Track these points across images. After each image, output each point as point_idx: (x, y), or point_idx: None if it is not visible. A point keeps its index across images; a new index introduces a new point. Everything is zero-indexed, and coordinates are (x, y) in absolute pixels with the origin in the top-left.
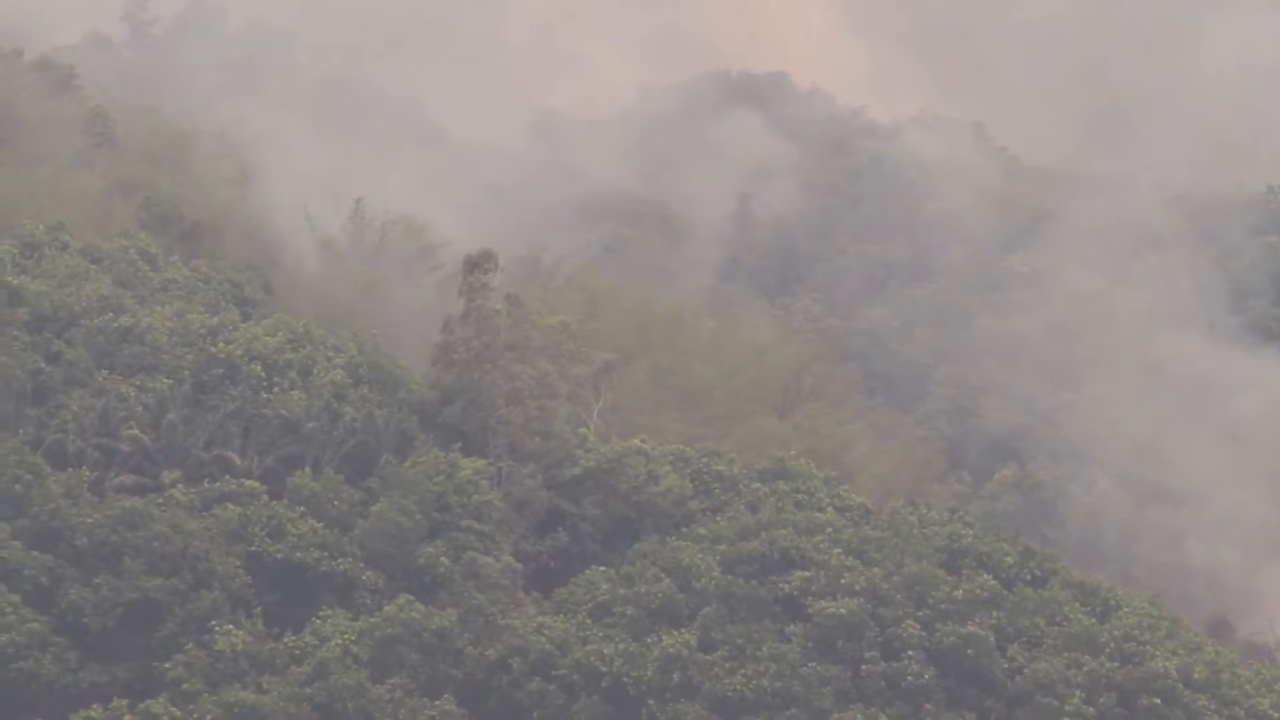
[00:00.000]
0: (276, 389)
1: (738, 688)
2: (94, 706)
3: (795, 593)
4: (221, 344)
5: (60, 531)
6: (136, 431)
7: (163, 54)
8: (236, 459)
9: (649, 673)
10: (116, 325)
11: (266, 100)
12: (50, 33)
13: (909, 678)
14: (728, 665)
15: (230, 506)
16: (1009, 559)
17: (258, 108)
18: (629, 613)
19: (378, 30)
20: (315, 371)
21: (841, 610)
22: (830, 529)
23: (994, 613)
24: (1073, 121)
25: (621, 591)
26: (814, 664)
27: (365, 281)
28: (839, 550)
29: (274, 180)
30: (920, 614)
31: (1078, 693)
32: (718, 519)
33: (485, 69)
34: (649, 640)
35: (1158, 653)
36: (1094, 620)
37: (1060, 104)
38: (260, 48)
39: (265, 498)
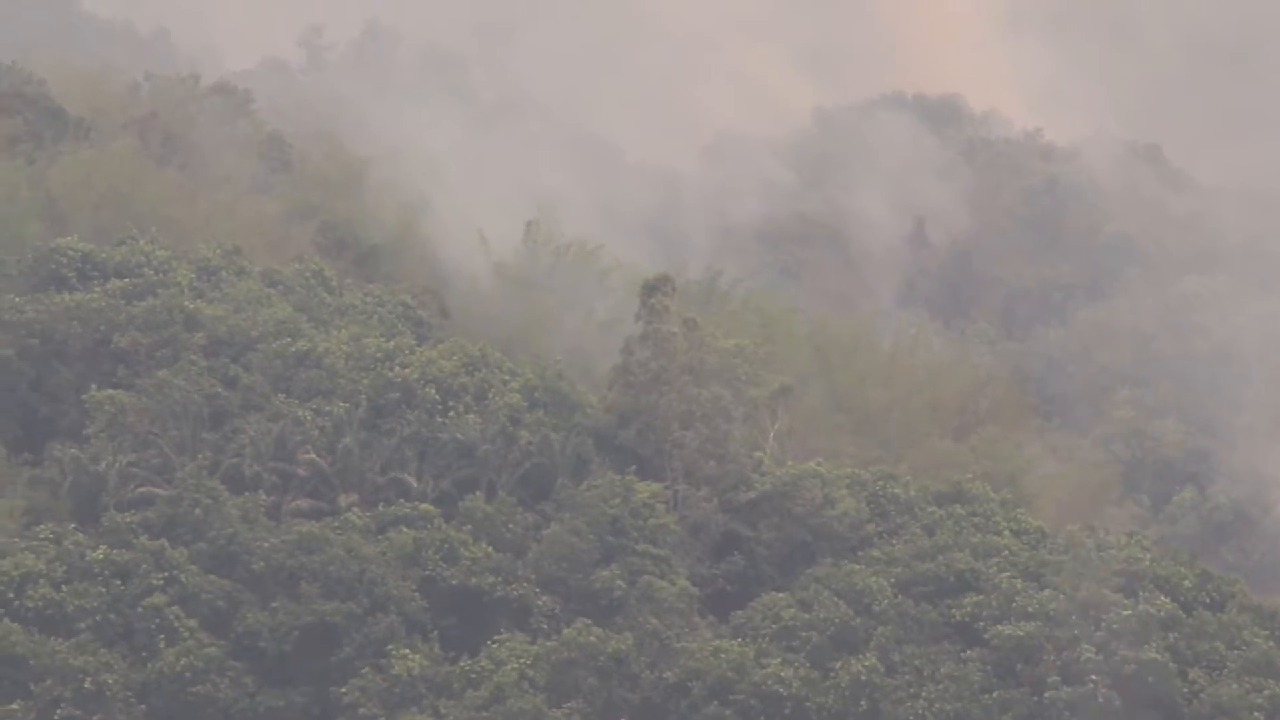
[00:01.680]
0: (452, 413)
1: (920, 712)
2: None
3: (966, 618)
4: (397, 368)
5: (237, 556)
6: (313, 455)
7: (338, 79)
8: (412, 482)
9: (830, 699)
10: (293, 349)
11: (441, 124)
12: (227, 58)
13: (1093, 703)
14: (910, 689)
15: (405, 530)
16: (1187, 582)
17: (432, 131)
18: (813, 639)
19: (551, 54)
20: (491, 395)
21: (1019, 633)
22: (1006, 552)
23: (1171, 636)
24: (1250, 143)
25: (805, 616)
26: (995, 689)
27: (540, 305)
28: (1014, 574)
29: (449, 204)
30: (1096, 637)
31: (1258, 717)
32: (893, 542)
33: (659, 91)
34: (828, 665)
35: None
36: (1274, 644)
37: (1237, 126)
38: (434, 72)
39: (440, 521)
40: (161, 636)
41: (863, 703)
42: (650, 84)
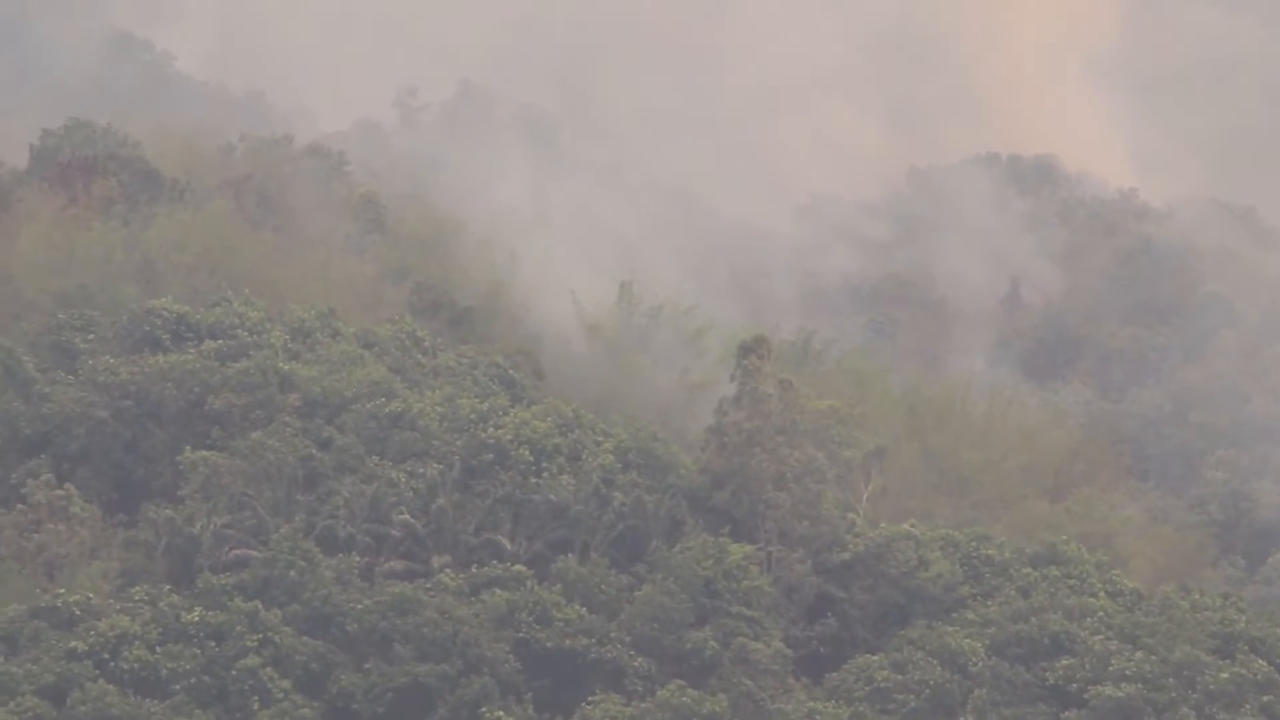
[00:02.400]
0: (545, 474)
1: None
2: None
3: (1061, 680)
4: (491, 429)
5: (331, 617)
6: (407, 516)
7: (432, 139)
8: (506, 544)
9: None
10: (387, 411)
11: (534, 184)
12: (321, 119)
13: None
14: None
15: (499, 592)
16: None
17: (526, 192)
18: (908, 701)
19: (645, 115)
20: (584, 456)
21: (1119, 695)
22: (1101, 614)
23: (1266, 698)
24: None
25: (899, 678)
26: None
27: (633, 365)
28: (1109, 636)
29: (542, 264)
30: (1192, 699)
31: None
32: (988, 604)
33: (753, 152)
34: None
35: None
36: None
37: None
38: (527, 131)
39: (533, 583)
40: (256, 699)
41: None
42: (742, 142)
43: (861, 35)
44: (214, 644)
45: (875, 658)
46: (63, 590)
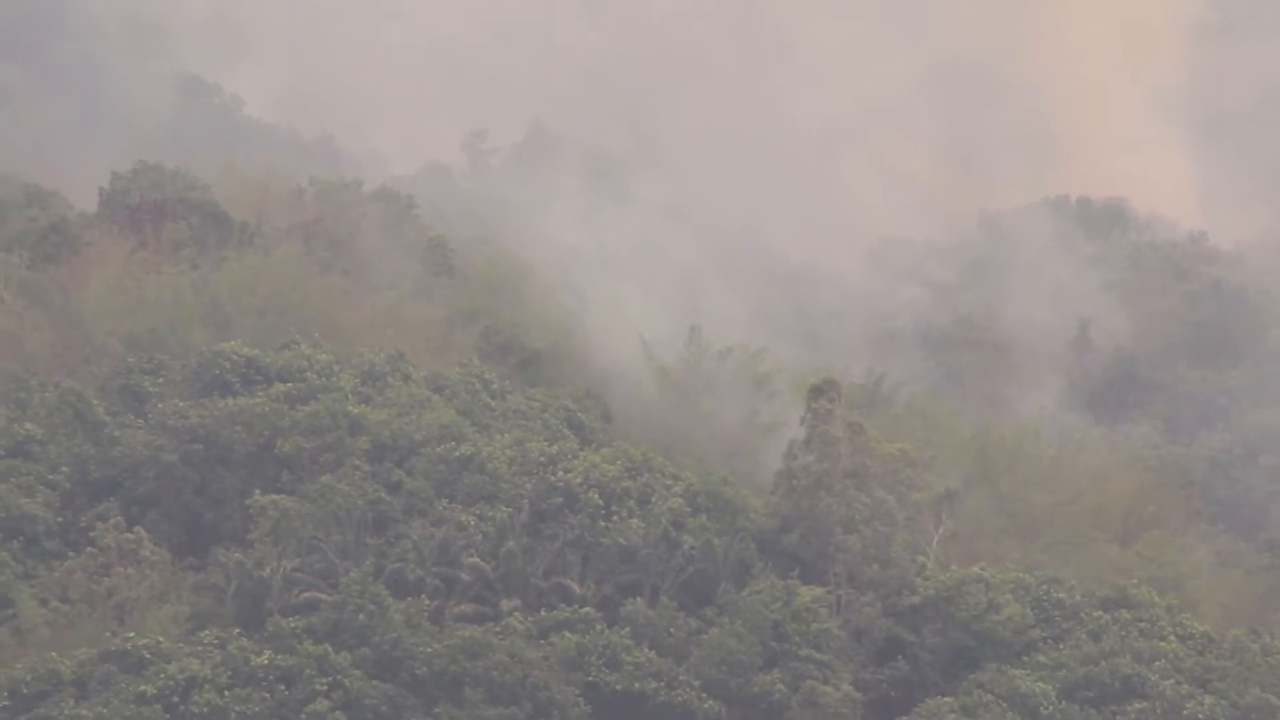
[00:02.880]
0: (615, 517)
1: None
2: None
3: None
4: (560, 472)
5: (401, 661)
6: (476, 560)
7: (501, 183)
8: (575, 587)
9: None
10: (457, 454)
11: (604, 228)
12: (390, 163)
13: None
14: None
15: (568, 635)
16: None
17: (594, 235)
18: None
19: (713, 157)
20: (653, 499)
21: None
22: (1172, 658)
23: None
24: None
25: None
26: None
27: (703, 408)
28: (1179, 680)
29: (611, 307)
30: None
31: None
32: (1059, 647)
33: (820, 192)
34: None
35: None
36: None
37: None
38: (596, 175)
39: (602, 626)
40: None
41: None
42: (808, 181)
43: (925, 73)
44: (283, 688)
45: (945, 701)
46: (133, 634)
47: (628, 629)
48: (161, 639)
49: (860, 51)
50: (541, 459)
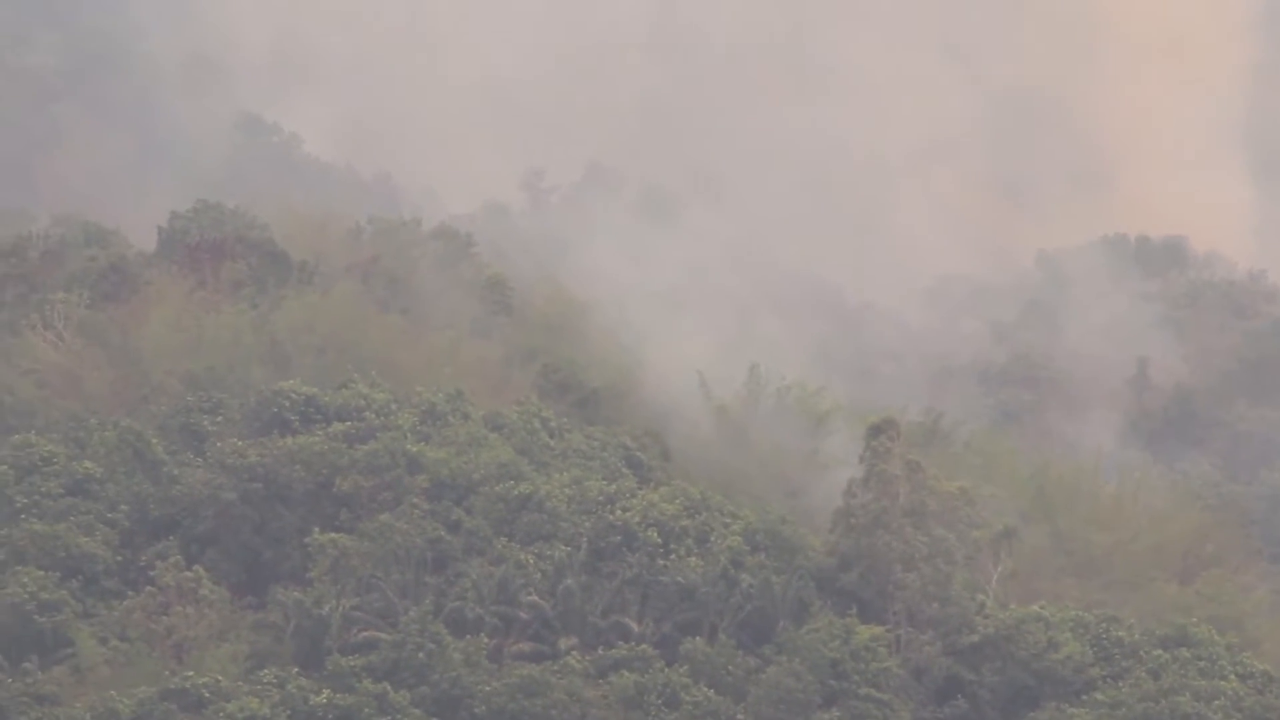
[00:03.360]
0: (673, 555)
1: None
2: None
3: None
4: (619, 511)
5: (460, 699)
6: (535, 598)
7: (559, 221)
8: (633, 625)
9: None
10: (516, 493)
11: (662, 265)
12: (448, 201)
13: None
14: None
15: (626, 674)
16: None
17: (653, 273)
18: None
19: (770, 193)
20: (712, 538)
21: None
22: (1232, 696)
23: None
24: None
25: None
26: None
27: (761, 447)
28: (1240, 718)
29: (670, 346)
30: None
31: None
32: (1118, 686)
33: (877, 228)
34: None
35: None
36: None
37: None
38: (655, 213)
39: (660, 664)
40: None
41: None
42: (866, 217)
43: (979, 104)
44: None
45: None
46: (192, 673)
47: (686, 667)
48: (220, 678)
49: (914, 84)
50: (600, 497)
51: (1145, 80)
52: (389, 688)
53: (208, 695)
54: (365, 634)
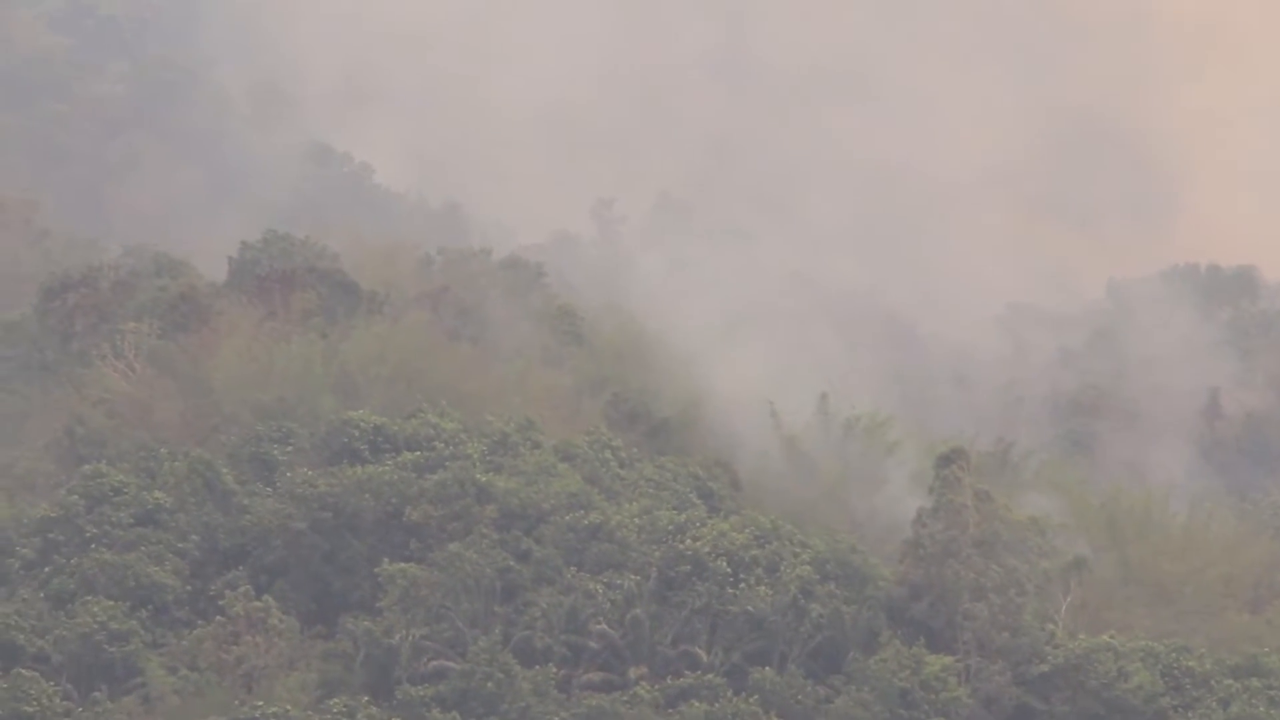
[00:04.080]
0: (743, 585)
1: None
2: None
3: None
4: (688, 540)
5: None
6: (604, 628)
7: (629, 251)
8: (703, 655)
9: None
10: (586, 522)
11: (731, 296)
12: (518, 231)
13: None
14: None
15: (695, 703)
16: None
17: (723, 303)
18: None
19: (837, 225)
20: (782, 567)
21: None
22: None
23: None
24: None
25: None
26: None
27: (831, 476)
28: None
29: (740, 376)
30: None
31: None
32: (1189, 716)
33: (948, 260)
34: None
35: None
36: None
37: None
38: (724, 244)
39: (729, 694)
40: None
41: None
42: (936, 244)
43: (1044, 133)
44: None
45: None
46: (261, 702)
47: (755, 697)
48: (290, 707)
49: (978, 108)
50: (670, 527)
51: (1209, 94)
52: (458, 717)
53: None
54: (435, 663)
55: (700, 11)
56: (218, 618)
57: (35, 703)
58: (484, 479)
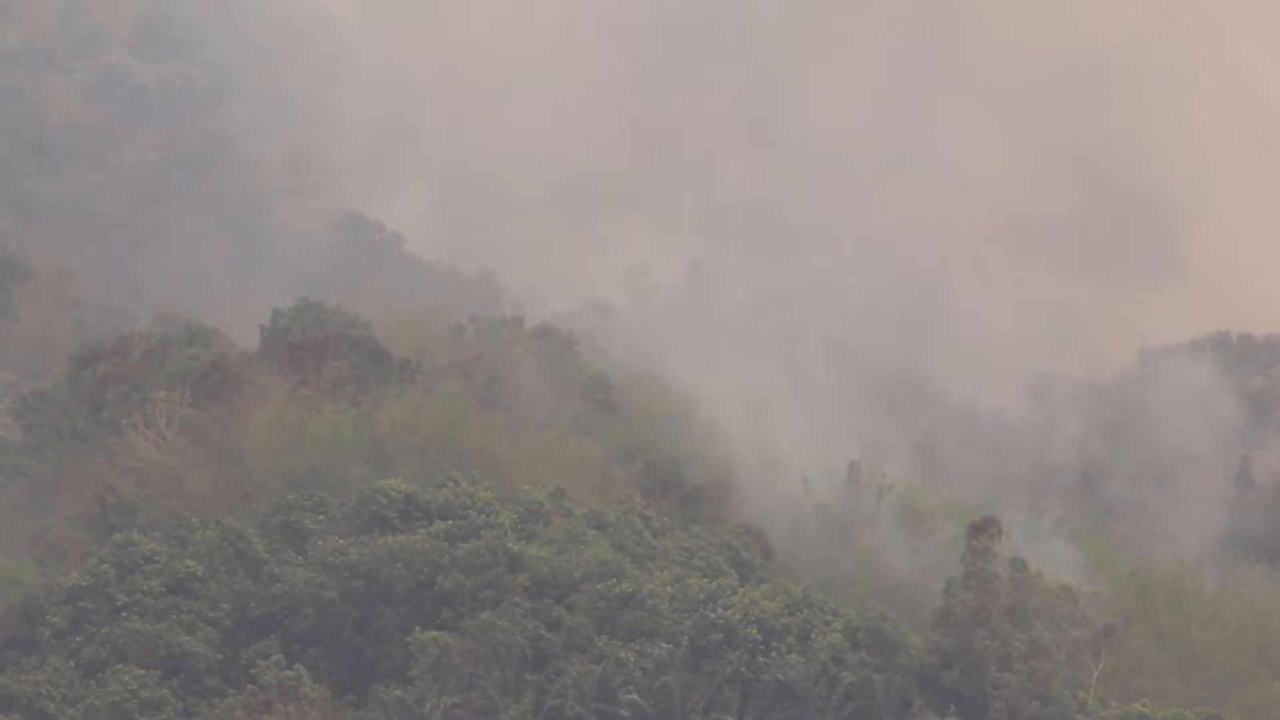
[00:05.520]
0: (774, 653)
1: None
2: None
3: None
4: (720, 608)
5: None
6: (635, 696)
7: (662, 319)
8: None
9: None
10: (617, 591)
11: (763, 365)
12: (550, 299)
13: None
14: None
15: None
16: None
17: (756, 372)
18: None
19: (872, 294)
20: (813, 635)
21: None
22: None
23: None
24: None
25: None
26: None
27: (863, 545)
28: None
29: (772, 444)
30: None
31: None
32: None
33: (977, 324)
34: None
35: None
36: None
37: None
38: (757, 312)
39: None
40: None
41: None
42: (966, 315)
43: (1074, 199)
44: None
45: None
46: None
47: None
48: None
49: (994, 180)
50: (701, 595)
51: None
52: None
53: None
54: None
55: (730, 78)
56: (249, 686)
57: None
58: (516, 548)
